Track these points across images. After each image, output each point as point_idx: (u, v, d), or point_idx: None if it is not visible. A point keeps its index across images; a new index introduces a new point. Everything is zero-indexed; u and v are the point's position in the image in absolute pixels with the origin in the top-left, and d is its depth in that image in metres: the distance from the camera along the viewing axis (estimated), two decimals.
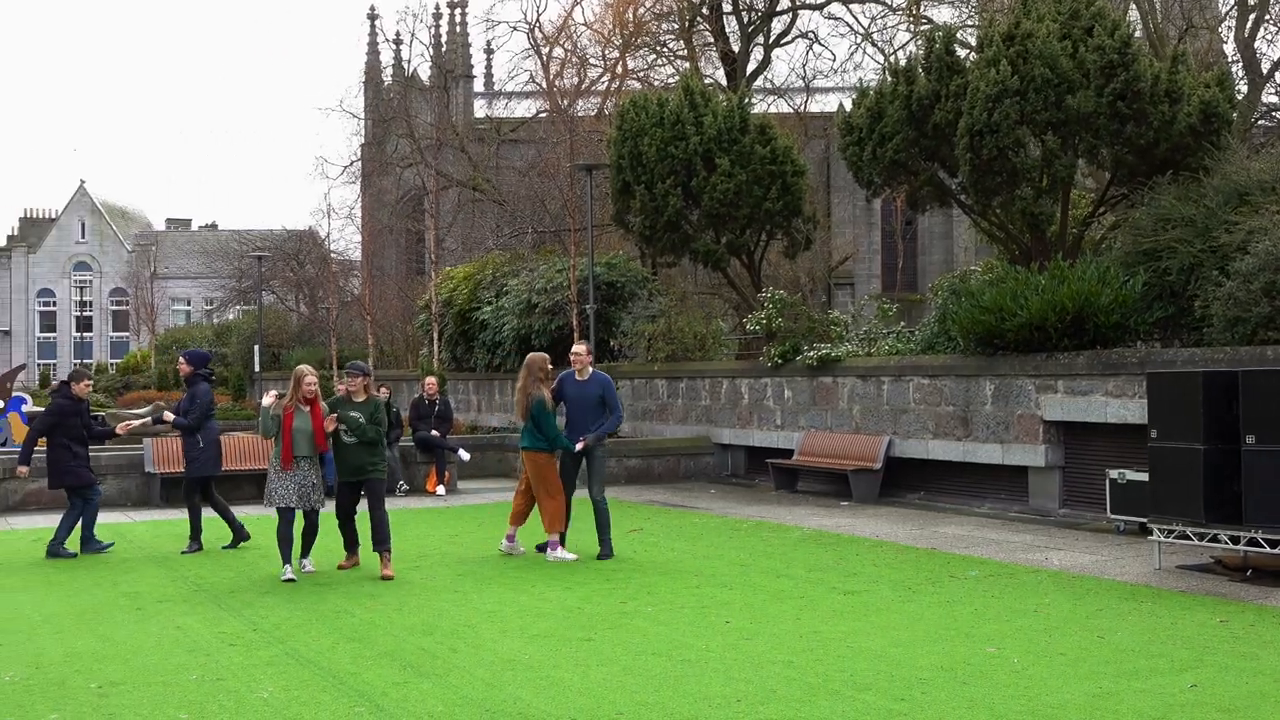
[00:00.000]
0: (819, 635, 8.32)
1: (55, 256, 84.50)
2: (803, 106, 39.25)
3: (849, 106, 21.77)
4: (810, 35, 38.45)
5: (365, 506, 11.23)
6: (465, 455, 19.13)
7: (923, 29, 29.98)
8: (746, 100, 23.92)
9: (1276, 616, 8.77)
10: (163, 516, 15.47)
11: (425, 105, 46.08)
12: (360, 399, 11.07)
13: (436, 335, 29.13)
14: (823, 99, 41.87)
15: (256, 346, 39.49)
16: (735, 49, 35.29)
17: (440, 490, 18.19)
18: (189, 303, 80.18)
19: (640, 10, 37.51)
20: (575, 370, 12.03)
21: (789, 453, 18.51)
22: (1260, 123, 25.57)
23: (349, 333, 39.52)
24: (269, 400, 11.01)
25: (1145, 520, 11.44)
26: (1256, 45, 26.26)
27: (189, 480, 12.88)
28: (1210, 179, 15.28)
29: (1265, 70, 26.18)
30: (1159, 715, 6.38)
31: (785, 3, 36.47)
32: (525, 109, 45.43)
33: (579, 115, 36.34)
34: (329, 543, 11.84)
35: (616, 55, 38.37)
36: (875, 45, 36.41)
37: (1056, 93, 16.64)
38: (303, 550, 11.22)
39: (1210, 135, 16.63)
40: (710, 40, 36.31)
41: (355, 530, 11.37)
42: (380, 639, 8.35)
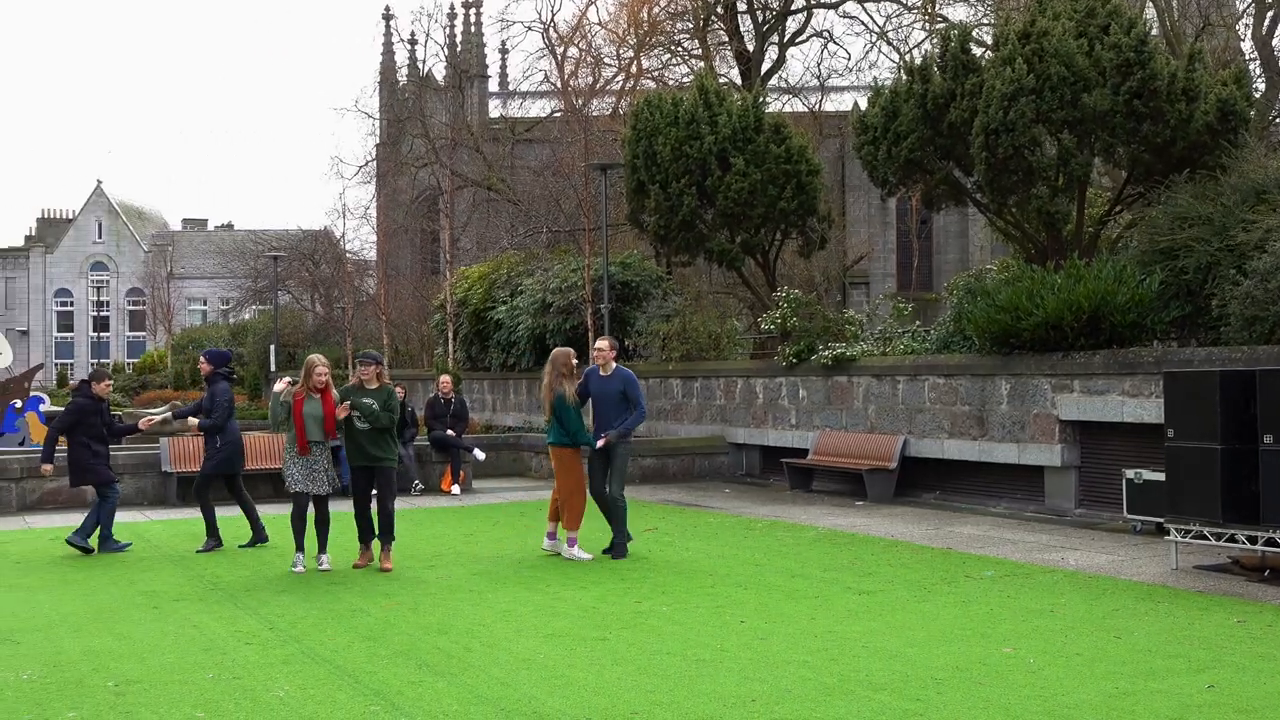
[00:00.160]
0: (834, 635, 8.31)
1: (72, 257, 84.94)
2: (818, 105, 39.19)
3: (864, 105, 21.73)
4: (825, 34, 38.40)
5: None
6: (480, 455, 19.16)
7: (938, 27, 29.91)
8: (761, 99, 23.89)
9: None
10: (179, 516, 15.52)
11: (440, 105, 46.17)
12: (373, 386, 11.28)
13: (451, 335, 29.19)
14: (838, 98, 41.81)
15: (272, 346, 39.63)
16: (750, 48, 35.26)
17: (455, 489, 18.22)
18: (205, 303, 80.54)
19: (655, 10, 37.50)
20: (599, 366, 12.04)
21: (804, 452, 18.49)
22: (1278, 121, 25.44)
23: (364, 332, 39.62)
24: (279, 386, 11.34)
25: (1162, 520, 11.39)
26: (1274, 43, 26.13)
27: (201, 477, 12.93)
28: (1227, 177, 15.21)
29: None
30: (1176, 716, 6.36)
31: (800, 1, 36.42)
32: (540, 109, 45.50)
33: (594, 115, 36.33)
34: (345, 541, 11.92)
35: (631, 55, 38.37)
36: (890, 44, 36.35)
37: (1072, 91, 16.58)
38: (319, 545, 11.34)
39: (1227, 133, 16.55)
40: (725, 39, 36.28)
41: (370, 522, 11.49)
42: (395, 638, 8.37)
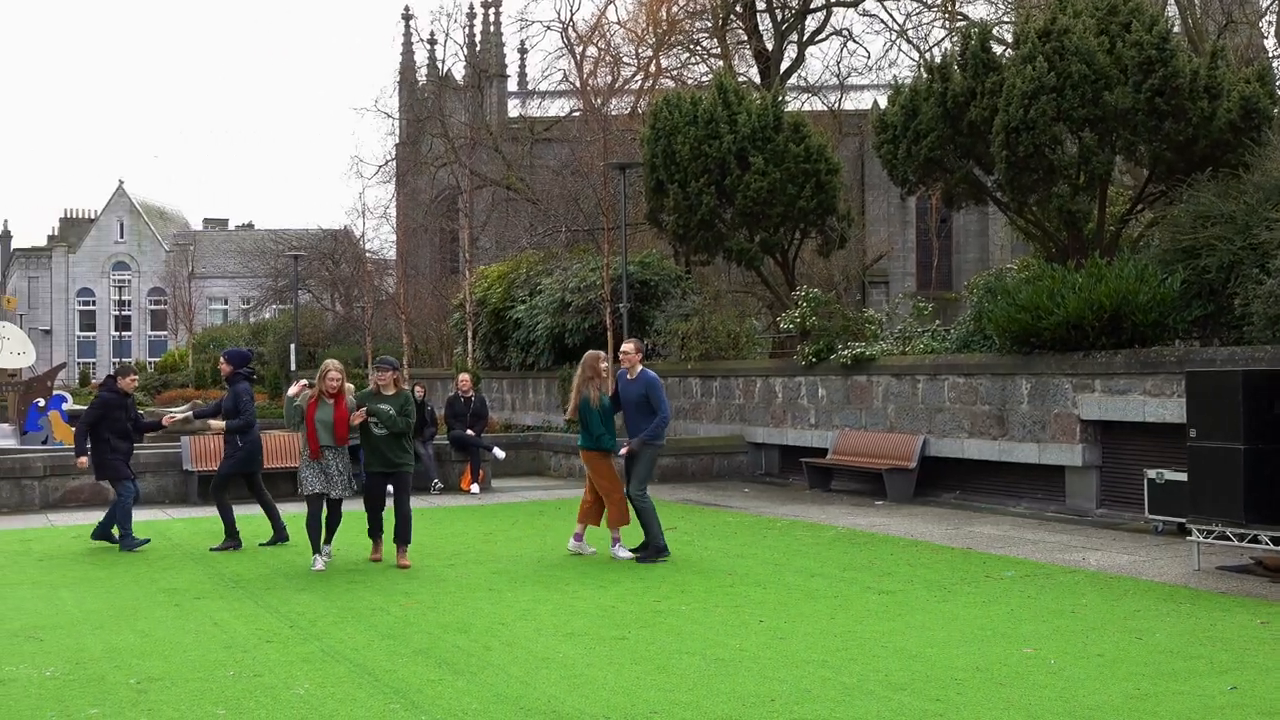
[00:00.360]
0: (853, 635, 8.29)
1: (94, 256, 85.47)
2: (837, 104, 39.11)
3: (884, 104, 21.71)
4: (844, 33, 38.36)
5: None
6: (500, 453, 19.19)
7: (958, 25, 29.84)
8: (780, 98, 23.86)
9: None
10: (200, 514, 15.59)
11: (459, 105, 46.25)
12: (390, 392, 11.34)
13: (471, 334, 29.23)
14: (857, 97, 41.73)
15: (292, 345, 39.73)
16: (769, 47, 35.23)
17: (475, 488, 18.26)
18: (226, 302, 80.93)
19: (674, 9, 37.50)
20: (625, 369, 12.00)
21: (823, 451, 18.45)
22: None
23: (384, 331, 39.71)
24: (294, 390, 11.47)
25: (1184, 520, 11.33)
26: None
27: (218, 477, 12.98)
28: (1250, 175, 15.11)
29: None
30: (1198, 717, 6.32)
31: (819, 0, 36.36)
32: (559, 108, 45.56)
33: (612, 114, 36.36)
34: (361, 539, 11.96)
35: (650, 54, 38.39)
36: (910, 42, 36.27)
37: (1094, 89, 16.50)
38: (325, 537, 11.46)
39: (1250, 131, 16.45)
40: (744, 38, 36.26)
41: (382, 524, 11.59)
42: (415, 636, 8.39)
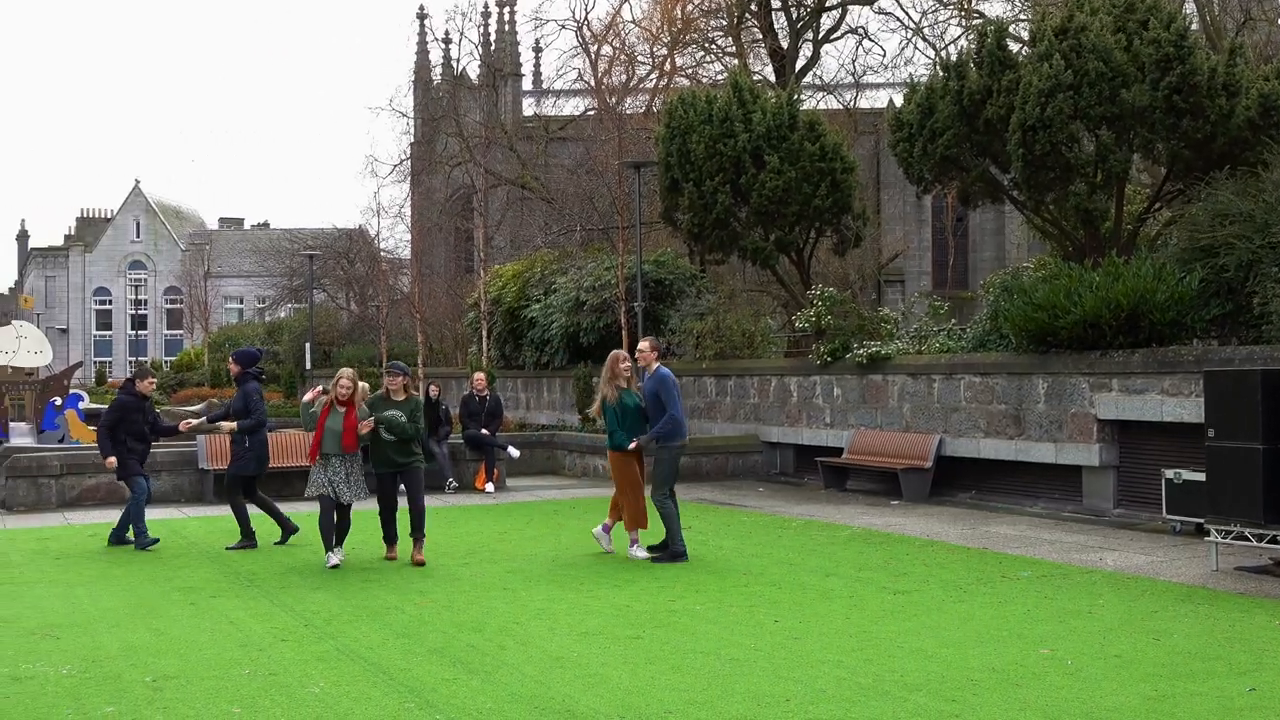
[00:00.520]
0: (869, 635, 8.27)
1: (111, 256, 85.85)
2: (852, 103, 39.05)
3: (899, 102, 21.65)
4: (860, 31, 38.27)
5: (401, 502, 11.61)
6: (514, 452, 19.20)
7: (974, 23, 29.74)
8: (795, 97, 23.83)
9: None
10: (216, 513, 15.64)
11: (474, 104, 46.31)
12: (400, 398, 11.46)
13: (485, 333, 29.26)
14: (872, 95, 41.65)
15: (307, 344, 39.89)
16: (784, 45, 35.18)
17: (489, 488, 18.27)
18: (241, 301, 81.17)
19: (689, 7, 37.48)
20: (644, 367, 12.04)
21: (838, 451, 18.42)
22: None
23: (399, 330, 39.78)
24: (309, 396, 11.66)
25: (1202, 521, 11.27)
26: None
27: (230, 478, 13.01)
28: (1269, 173, 15.02)
29: None
30: (1216, 719, 6.28)
31: None
32: (573, 107, 45.57)
33: (627, 113, 36.36)
34: (376, 538, 11.99)
35: (665, 52, 38.38)
36: (926, 40, 36.19)
37: (1111, 87, 16.43)
38: (336, 539, 11.52)
39: (1269, 129, 16.36)
40: (759, 37, 36.21)
41: (394, 524, 11.67)
42: (430, 635, 8.40)
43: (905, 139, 19.15)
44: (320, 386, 11.76)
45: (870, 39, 42.20)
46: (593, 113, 41.05)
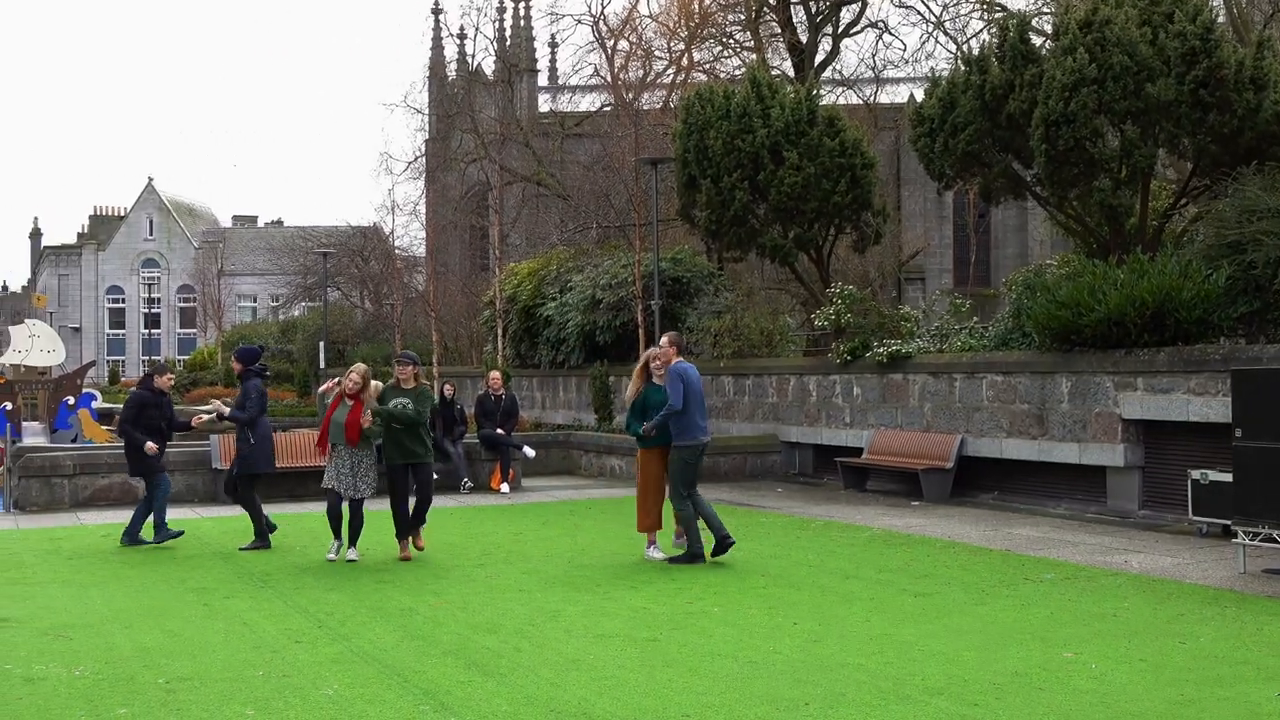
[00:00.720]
0: (889, 638, 8.25)
1: (124, 254, 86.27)
2: (872, 98, 38.95)
3: (920, 97, 21.61)
4: (880, 24, 38.17)
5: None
6: (530, 452, 19.23)
7: (996, 16, 29.65)
8: (815, 92, 23.80)
9: None
10: (229, 513, 15.70)
11: (489, 100, 46.35)
12: (409, 386, 11.81)
13: (501, 332, 29.30)
14: (893, 90, 41.54)
15: (321, 343, 39.98)
16: (803, 39, 35.10)
17: (504, 488, 18.29)
18: (255, 299, 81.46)
19: (706, 1, 37.46)
20: (665, 363, 12.07)
21: (858, 451, 18.38)
22: None
23: (413, 329, 39.86)
24: (324, 387, 12.13)
25: (1229, 522, 11.23)
26: None
27: (241, 477, 13.01)
28: None
29: None
30: None
31: None
32: (590, 103, 45.57)
33: (644, 108, 36.34)
34: (389, 538, 12.03)
35: (682, 47, 38.37)
36: (947, 34, 36.06)
37: (1136, 81, 16.35)
38: (349, 540, 11.74)
39: None
40: (777, 31, 36.15)
41: (407, 520, 11.87)
42: (444, 637, 8.42)
43: (926, 134, 19.10)
44: (336, 379, 12.10)
45: (890, 33, 42.08)
46: (609, 109, 41.06)
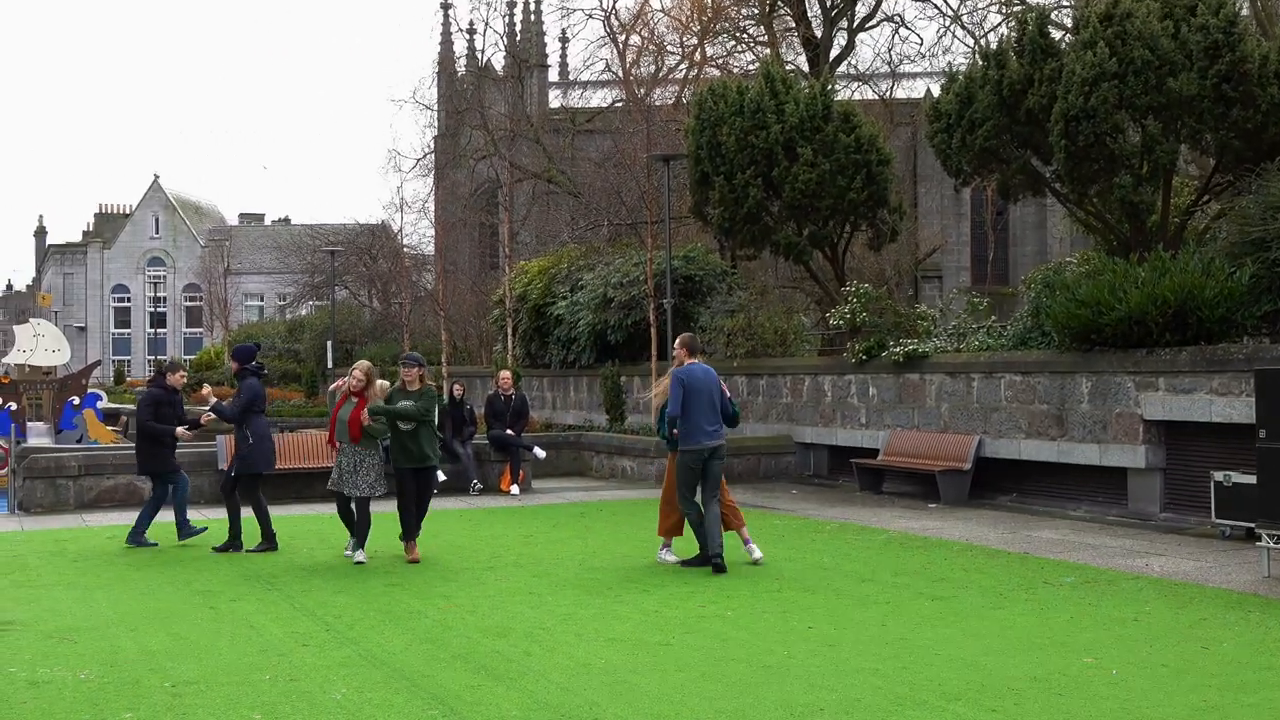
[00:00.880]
0: (906, 642, 8.24)
1: (130, 252, 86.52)
2: (888, 93, 38.91)
3: (937, 92, 21.57)
4: (896, 19, 38.17)
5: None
6: (540, 453, 19.24)
7: (1015, 10, 29.57)
8: (830, 87, 23.77)
9: None
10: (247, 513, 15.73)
11: (499, 96, 46.40)
12: (414, 388, 12.00)
13: (511, 331, 29.32)
14: (909, 85, 41.50)
15: (329, 342, 40.05)
16: (818, 34, 35.07)
17: (514, 490, 18.31)
18: (262, 298, 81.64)
19: None
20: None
21: (874, 452, 18.36)
22: None
23: (422, 328, 39.92)
24: (335, 385, 12.35)
25: (1253, 525, 11.18)
26: None
27: (242, 477, 12.99)
28: None
29: None
30: None
31: None
32: (601, 99, 45.61)
33: (656, 104, 36.36)
34: (397, 541, 12.05)
35: (695, 42, 38.36)
36: (965, 28, 36.03)
37: (1157, 75, 16.31)
38: (356, 540, 11.90)
39: None
40: (792, 25, 36.12)
41: (413, 519, 12.02)
42: (454, 641, 8.43)
43: (943, 130, 19.07)
44: (344, 378, 12.30)
45: (907, 27, 42.17)
46: (620, 104, 41.09)
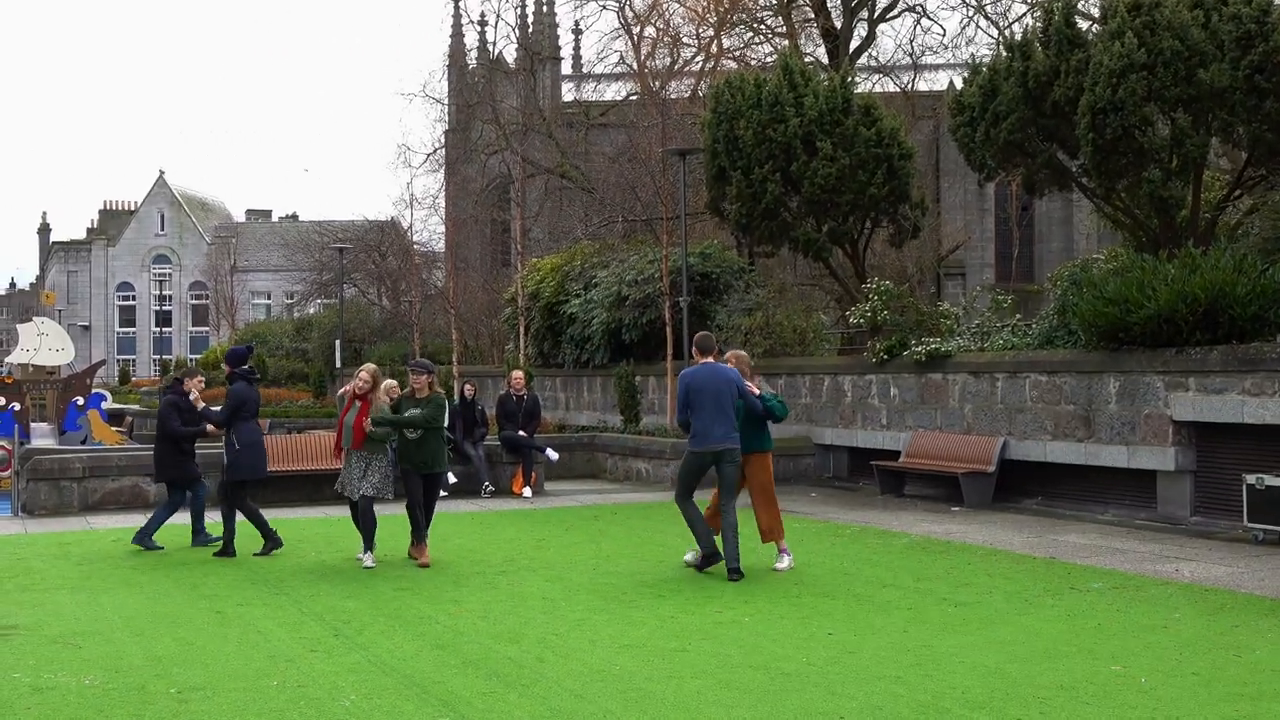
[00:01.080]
0: (928, 649, 8.23)
1: (134, 249, 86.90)
2: (910, 85, 38.85)
3: (960, 84, 21.50)
4: (918, 9, 38.06)
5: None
6: (553, 455, 19.25)
7: (1040, 0, 29.45)
8: (850, 79, 23.72)
9: None
10: (241, 518, 15.77)
11: (511, 89, 46.45)
12: (423, 395, 12.12)
13: (523, 330, 29.34)
14: (931, 77, 41.43)
15: (338, 342, 40.15)
16: (837, 25, 35.03)
17: (527, 492, 18.33)
18: (269, 296, 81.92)
19: None
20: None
21: (895, 454, 18.33)
22: None
23: (432, 327, 39.97)
24: (343, 389, 12.49)
25: None
26: None
27: (230, 484, 12.98)
28: None
29: None
30: None
31: None
32: (615, 92, 45.60)
33: (671, 97, 36.34)
34: (405, 545, 12.08)
35: (711, 33, 38.32)
36: (989, 18, 35.96)
37: (1187, 66, 16.25)
38: (364, 542, 12.04)
39: None
40: (811, 16, 36.09)
41: (421, 519, 12.16)
42: (465, 647, 8.44)
43: (966, 123, 19.04)
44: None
45: (929, 17, 42.04)
46: (635, 98, 41.07)
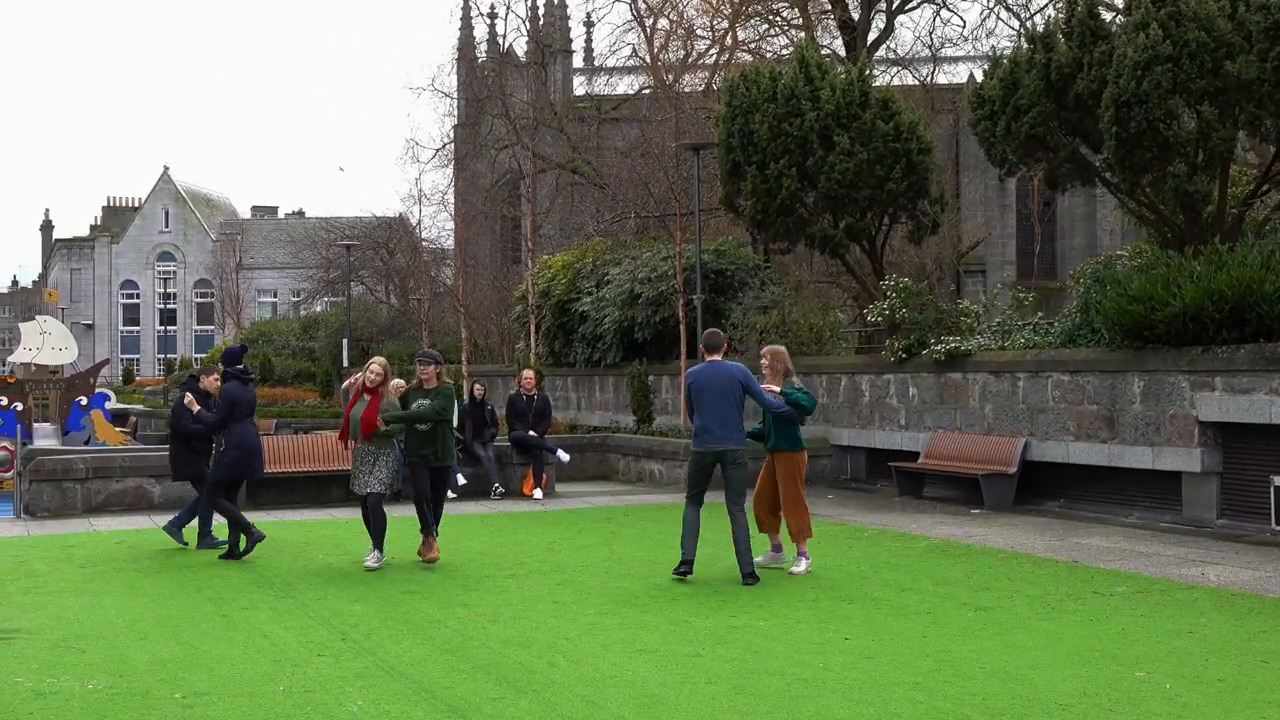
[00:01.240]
0: (948, 654, 8.22)
1: (138, 246, 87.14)
2: (929, 78, 38.78)
3: (980, 77, 21.50)
4: (938, 0, 37.97)
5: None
6: (564, 456, 19.27)
7: None
8: (867, 72, 23.69)
9: None
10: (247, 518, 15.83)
11: (521, 83, 46.47)
12: (431, 386, 12.17)
13: (533, 328, 29.37)
14: (951, 69, 41.37)
15: (345, 340, 40.22)
16: (855, 16, 34.97)
17: (537, 493, 18.35)
18: (275, 294, 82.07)
19: None
20: None
21: (914, 455, 18.31)
22: None
23: (441, 325, 40.06)
24: (349, 382, 12.57)
25: None
26: None
27: (210, 483, 12.98)
28: None
29: None
30: None
31: None
32: (628, 85, 45.64)
33: (685, 91, 36.35)
34: (415, 545, 12.11)
35: (726, 26, 38.31)
36: (1010, 9, 35.83)
37: (1214, 58, 16.19)
38: (372, 541, 12.06)
39: None
40: (827, 8, 36.04)
41: (428, 513, 12.26)
42: (475, 651, 8.45)
43: (987, 117, 18.99)
44: (358, 375, 12.44)
45: (949, 9, 41.78)
46: (648, 91, 41.11)
